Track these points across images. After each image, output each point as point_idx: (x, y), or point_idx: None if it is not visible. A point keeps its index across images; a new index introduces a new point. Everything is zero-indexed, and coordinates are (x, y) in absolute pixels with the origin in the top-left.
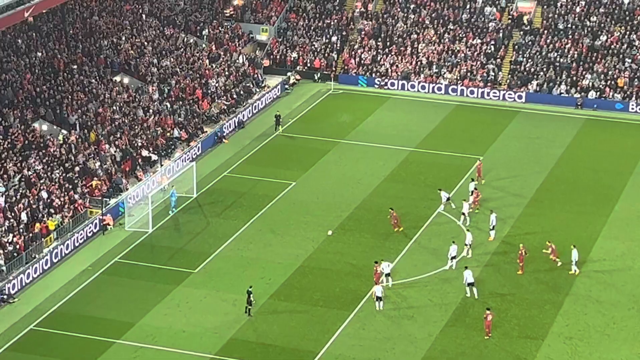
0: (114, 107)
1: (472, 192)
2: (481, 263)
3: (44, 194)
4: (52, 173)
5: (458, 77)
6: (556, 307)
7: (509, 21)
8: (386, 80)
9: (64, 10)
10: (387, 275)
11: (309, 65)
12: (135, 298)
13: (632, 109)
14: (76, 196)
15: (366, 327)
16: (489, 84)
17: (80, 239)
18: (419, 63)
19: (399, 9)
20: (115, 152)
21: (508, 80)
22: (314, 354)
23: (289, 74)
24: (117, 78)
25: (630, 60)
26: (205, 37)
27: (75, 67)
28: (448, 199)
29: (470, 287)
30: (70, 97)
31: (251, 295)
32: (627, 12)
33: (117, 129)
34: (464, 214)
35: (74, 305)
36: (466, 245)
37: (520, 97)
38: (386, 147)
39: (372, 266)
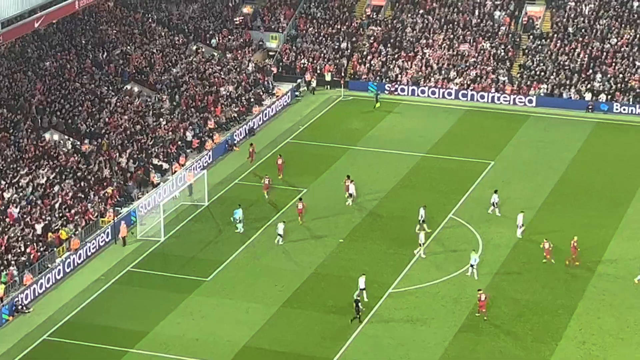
0: (125, 116)
1: (495, 203)
2: (494, 268)
3: (56, 204)
4: (63, 183)
5: (468, 82)
6: (569, 311)
7: (519, 25)
8: (396, 86)
9: (75, 20)
10: None
11: (318, 72)
12: (148, 307)
13: None
14: (88, 205)
15: (379, 333)
16: (499, 89)
17: (93, 249)
18: (428, 68)
19: (408, 15)
20: (126, 160)
21: (518, 85)
22: None
23: (299, 80)
24: (128, 87)
25: None
26: (215, 45)
27: (85, 76)
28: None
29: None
30: (80, 106)
31: (359, 304)
32: (636, 15)
33: (128, 137)
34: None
35: (87, 315)
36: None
37: (530, 101)
38: (397, 153)
39: (384, 273)
